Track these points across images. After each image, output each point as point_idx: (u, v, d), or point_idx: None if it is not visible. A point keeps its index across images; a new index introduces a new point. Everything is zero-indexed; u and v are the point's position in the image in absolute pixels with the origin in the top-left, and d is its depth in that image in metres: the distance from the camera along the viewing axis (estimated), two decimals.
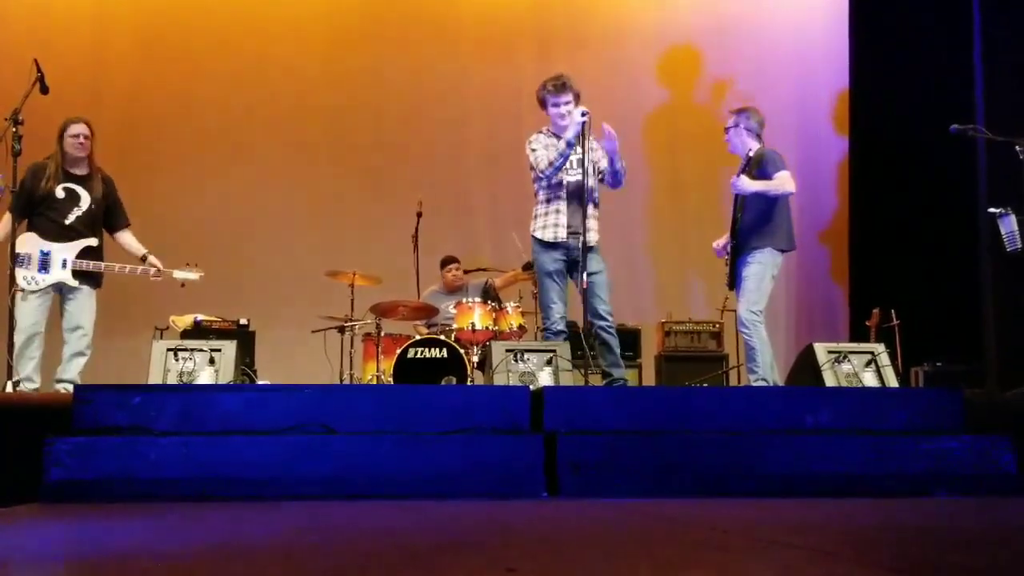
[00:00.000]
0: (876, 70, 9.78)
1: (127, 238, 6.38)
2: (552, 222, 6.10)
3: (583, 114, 5.94)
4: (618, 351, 6.15)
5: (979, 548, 3.01)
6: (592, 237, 6.04)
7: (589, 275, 5.95)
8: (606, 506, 4.07)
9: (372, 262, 8.04)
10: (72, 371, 6.00)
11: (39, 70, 5.76)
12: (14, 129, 5.67)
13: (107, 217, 6.30)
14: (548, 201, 6.13)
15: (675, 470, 4.47)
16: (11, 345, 5.67)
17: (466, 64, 10.00)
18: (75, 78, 8.83)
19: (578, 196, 6.03)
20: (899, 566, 2.63)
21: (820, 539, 3.16)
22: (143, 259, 6.27)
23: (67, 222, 6.06)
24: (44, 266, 5.97)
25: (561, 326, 6.13)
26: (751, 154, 6.25)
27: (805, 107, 10.26)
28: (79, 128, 6.12)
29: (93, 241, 6.13)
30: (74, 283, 6.03)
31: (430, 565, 2.62)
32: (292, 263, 9.25)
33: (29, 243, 5.93)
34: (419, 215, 8.42)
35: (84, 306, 6.09)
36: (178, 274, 6.32)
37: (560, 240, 6.07)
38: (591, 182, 6.05)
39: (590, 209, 6.03)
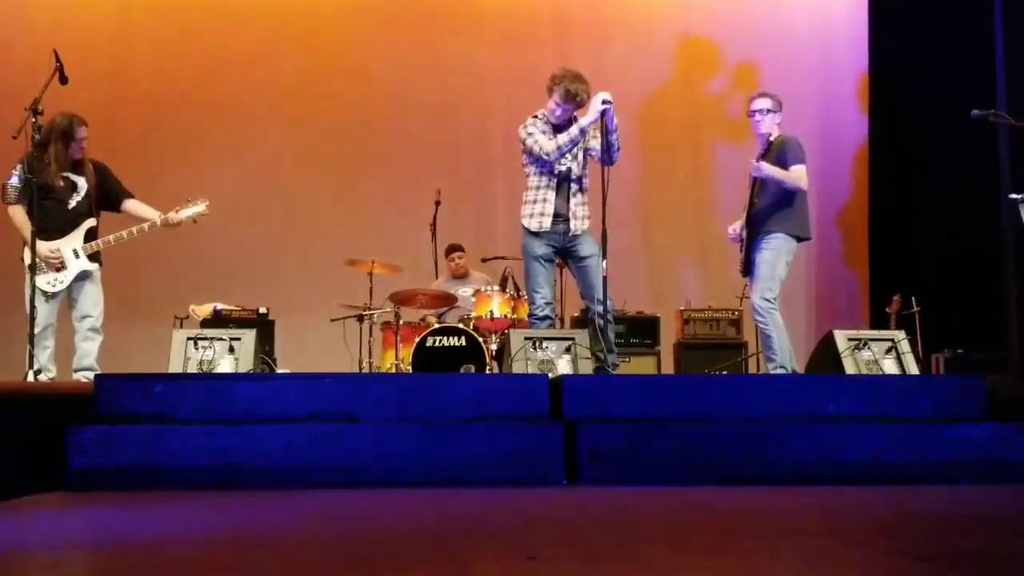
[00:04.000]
0: (896, 53, 9.69)
1: (133, 205, 6.33)
2: (539, 211, 6.07)
3: (604, 102, 5.83)
4: (612, 337, 6.12)
5: (1003, 535, 3.00)
6: (583, 224, 6.07)
7: (583, 259, 6.00)
8: (626, 494, 4.07)
9: (391, 251, 8.05)
10: (88, 358, 6.02)
11: (58, 60, 5.77)
12: (34, 119, 5.70)
13: (108, 198, 6.30)
14: (537, 189, 6.10)
15: (694, 458, 4.46)
16: (32, 335, 5.70)
17: (486, 52, 9.96)
18: (95, 69, 8.85)
19: (568, 185, 6.05)
20: (922, 553, 2.62)
21: (842, 526, 3.15)
22: (164, 222, 6.21)
23: (70, 206, 6.08)
24: (60, 263, 6.00)
25: (547, 311, 6.08)
26: (772, 139, 6.20)
27: (824, 91, 10.18)
28: (85, 132, 6.14)
29: (93, 222, 6.16)
30: (94, 267, 6.07)
31: (452, 552, 2.63)
32: (311, 252, 9.26)
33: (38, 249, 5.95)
34: (437, 204, 8.45)
35: (89, 293, 6.10)
36: (184, 213, 6.28)
37: (544, 229, 6.05)
38: (576, 169, 6.05)
39: (581, 196, 6.05)
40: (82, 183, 6.16)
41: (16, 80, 7.93)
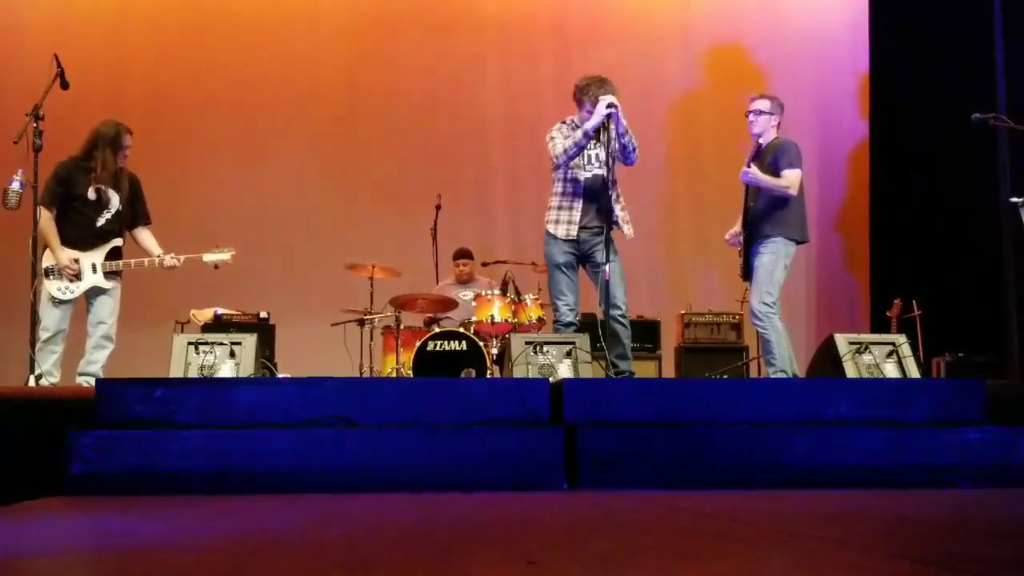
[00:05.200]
0: (896, 55, 9.72)
1: (144, 236, 6.33)
2: (566, 218, 6.06)
3: (608, 106, 5.79)
4: (627, 343, 6.08)
5: (1003, 539, 2.99)
6: (629, 229, 6.05)
7: (600, 266, 5.94)
8: (626, 498, 4.06)
9: (391, 255, 8.06)
10: (94, 365, 6.04)
11: (59, 65, 5.78)
12: (35, 125, 5.70)
13: (130, 216, 6.29)
14: (563, 195, 6.09)
15: (695, 462, 4.46)
16: (33, 340, 5.71)
17: (486, 57, 9.99)
18: (95, 73, 8.87)
19: (594, 192, 6.01)
20: (922, 557, 2.62)
21: (842, 530, 3.15)
22: (160, 263, 6.19)
23: (98, 224, 6.08)
24: (76, 275, 6.01)
25: (571, 318, 6.08)
26: (762, 142, 6.20)
27: (824, 93, 10.21)
28: (130, 140, 6.17)
29: (119, 241, 6.15)
30: (108, 285, 6.07)
31: (452, 557, 2.63)
32: (312, 256, 9.28)
33: (58, 256, 5.96)
34: (438, 208, 8.45)
35: (106, 302, 6.13)
36: (208, 257, 6.28)
37: (571, 237, 6.04)
38: (606, 174, 5.98)
39: (616, 201, 6.02)
40: (115, 201, 6.14)
41: (16, 85, 7.94)
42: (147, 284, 8.65)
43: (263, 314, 7.79)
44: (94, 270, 6.05)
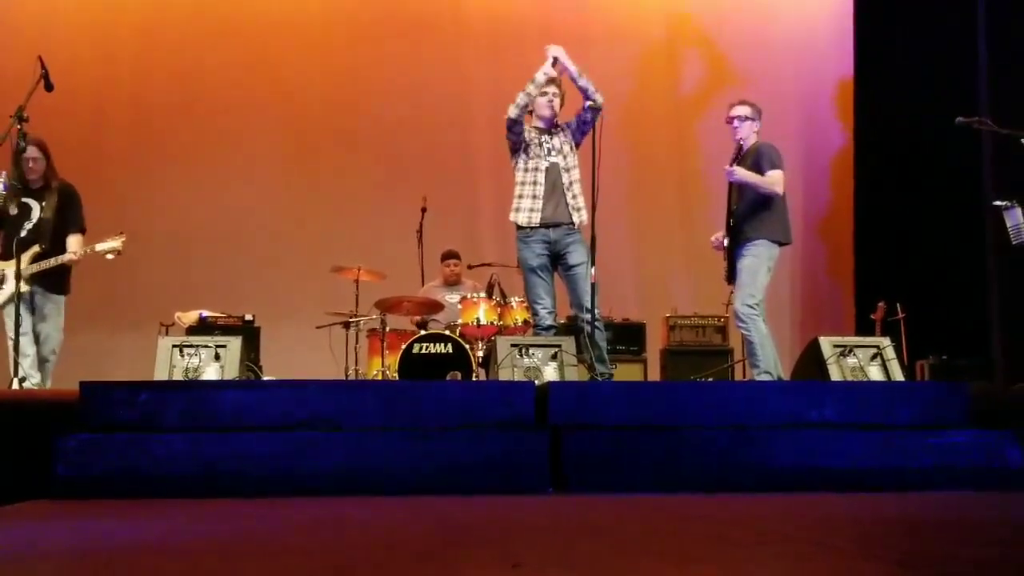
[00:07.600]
0: (880, 58, 9.75)
1: (71, 241, 6.22)
2: (528, 206, 6.07)
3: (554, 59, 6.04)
4: (604, 345, 6.11)
5: (986, 543, 3.01)
6: (580, 215, 6.06)
7: (572, 267, 6.00)
8: (612, 501, 4.07)
9: (377, 258, 8.04)
10: (36, 378, 6.01)
11: (43, 67, 5.75)
12: (19, 127, 5.67)
13: (60, 223, 6.21)
14: (523, 184, 6.12)
15: (680, 465, 4.47)
16: (17, 343, 5.69)
17: (472, 60, 9.99)
18: (80, 75, 8.84)
19: (554, 181, 6.06)
20: (906, 561, 2.63)
21: (827, 534, 3.16)
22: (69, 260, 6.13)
23: (21, 235, 6.03)
24: (1, 283, 6.01)
25: (550, 321, 6.09)
26: (743, 143, 6.23)
27: (808, 96, 10.23)
28: (29, 152, 6.05)
29: (37, 248, 6.06)
30: (25, 289, 6.01)
31: (438, 560, 2.63)
32: (297, 259, 9.25)
33: None
34: (423, 211, 8.44)
35: (48, 320, 6.12)
36: (100, 247, 6.13)
37: (534, 224, 6.04)
38: (563, 162, 6.08)
39: (573, 189, 6.06)
40: (36, 209, 6.12)
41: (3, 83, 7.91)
42: (131, 286, 8.66)
43: (248, 316, 7.75)
44: (6, 279, 6.03)
